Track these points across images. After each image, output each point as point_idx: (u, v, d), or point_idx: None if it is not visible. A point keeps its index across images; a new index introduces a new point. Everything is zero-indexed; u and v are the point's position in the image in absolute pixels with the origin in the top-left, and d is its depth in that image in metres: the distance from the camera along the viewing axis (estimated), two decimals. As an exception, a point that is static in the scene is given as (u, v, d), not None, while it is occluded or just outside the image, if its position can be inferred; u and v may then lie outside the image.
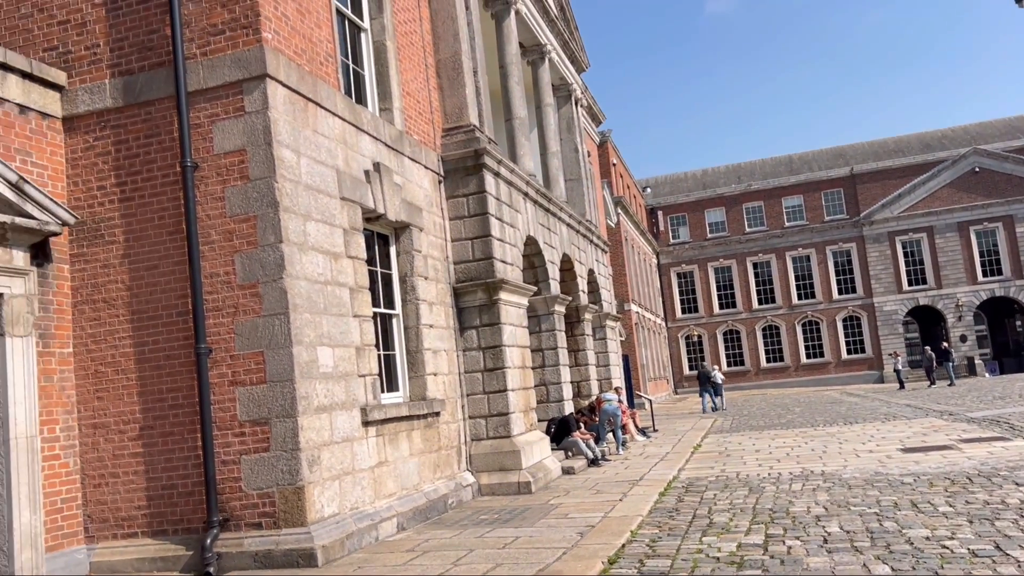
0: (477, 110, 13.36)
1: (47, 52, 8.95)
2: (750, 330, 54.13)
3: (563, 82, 22.42)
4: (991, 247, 49.14)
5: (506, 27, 16.41)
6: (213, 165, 8.25)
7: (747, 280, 54.26)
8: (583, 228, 20.99)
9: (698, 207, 56.61)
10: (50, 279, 8.39)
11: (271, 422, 7.84)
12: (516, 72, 16.52)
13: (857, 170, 52.59)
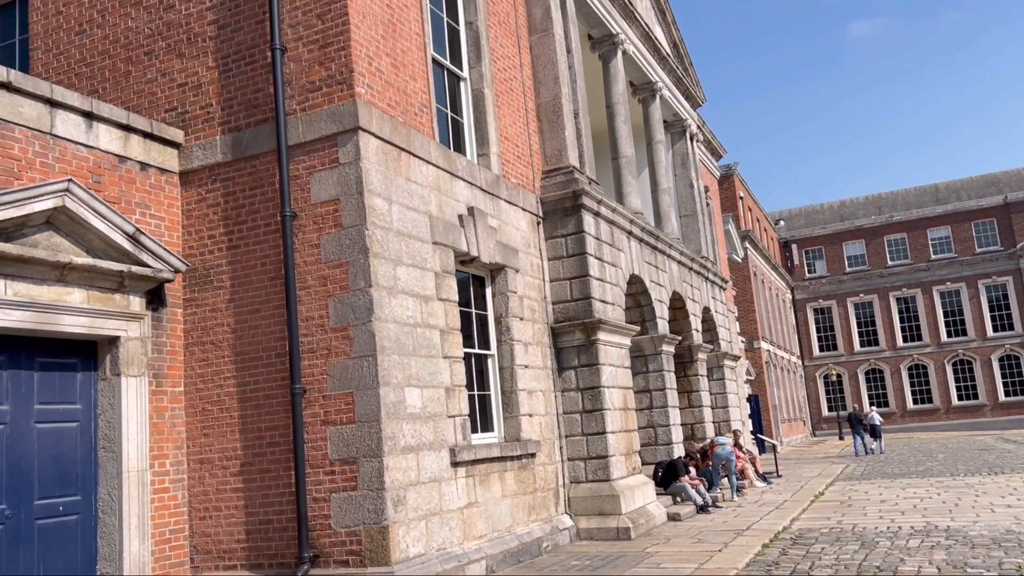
0: (577, 151, 13.43)
1: (168, 112, 9.67)
2: (894, 369, 51.21)
3: (677, 118, 22.24)
4: None
5: (613, 67, 16.54)
6: (310, 214, 8.65)
7: (890, 316, 51.50)
8: (697, 265, 20.58)
9: (835, 240, 54.42)
10: (164, 322, 8.98)
11: (359, 461, 8.03)
12: (623, 111, 16.54)
13: (1012, 198, 49.24)
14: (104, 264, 8.03)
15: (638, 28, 18.16)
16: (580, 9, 15.14)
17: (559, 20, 13.80)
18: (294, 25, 9.01)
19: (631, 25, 17.71)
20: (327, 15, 8.85)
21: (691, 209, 22.25)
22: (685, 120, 22.64)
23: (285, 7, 9.05)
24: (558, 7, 13.83)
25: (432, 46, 10.71)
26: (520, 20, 13.46)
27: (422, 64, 10.19)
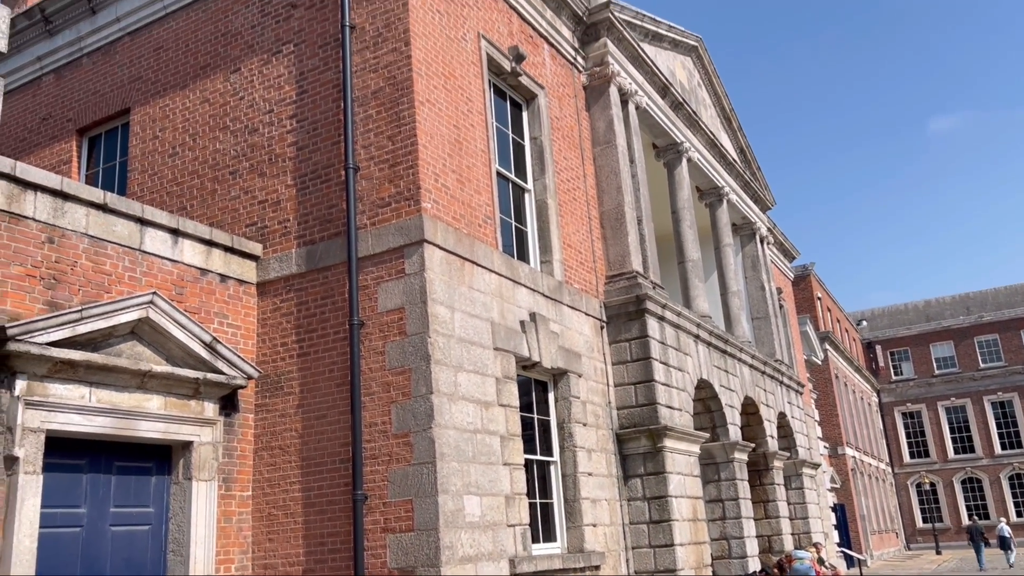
0: (640, 256, 13.52)
1: (248, 227, 10.22)
2: (994, 478, 48.31)
3: (745, 221, 22.25)
4: None
5: (678, 174, 16.79)
6: (376, 322, 8.93)
7: (986, 421, 49.00)
8: (770, 368, 20.14)
9: (922, 341, 52.58)
10: (236, 427, 9.26)
11: (416, 572, 8.02)
12: (688, 216, 16.69)
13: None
14: (182, 372, 8.42)
15: (703, 136, 18.48)
16: (644, 121, 15.54)
17: (622, 132, 14.17)
18: (366, 146, 9.52)
19: (695, 134, 18.05)
20: (397, 136, 9.36)
21: (763, 311, 21.96)
22: (755, 223, 22.63)
23: (359, 130, 9.60)
24: (621, 120, 14.21)
25: (497, 161, 11.14)
26: (584, 133, 13.85)
27: (487, 178, 10.57)
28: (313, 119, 10.05)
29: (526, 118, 12.43)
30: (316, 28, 10.32)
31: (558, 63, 13.45)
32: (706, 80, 20.13)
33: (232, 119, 10.83)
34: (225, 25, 11.22)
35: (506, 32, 11.89)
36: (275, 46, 10.66)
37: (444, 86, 9.99)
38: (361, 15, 9.96)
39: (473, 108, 10.57)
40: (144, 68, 11.95)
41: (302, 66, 10.34)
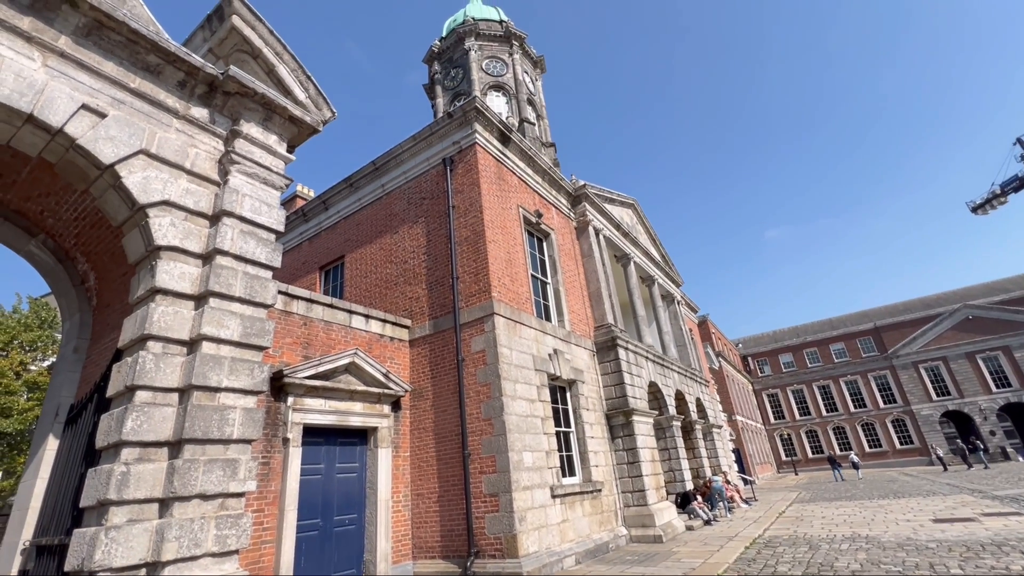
0: (612, 315, 13.43)
1: (402, 312, 10.51)
2: (823, 429, 45.05)
3: (668, 293, 21.81)
4: (996, 367, 38.06)
5: (628, 269, 16.73)
6: (471, 359, 9.05)
7: (815, 397, 46.09)
8: (689, 373, 19.41)
9: (774, 353, 50.09)
10: (399, 419, 9.35)
11: (499, 495, 7.89)
12: (637, 291, 16.52)
13: (879, 324, 44.41)
14: (371, 389, 8.62)
15: (641, 249, 18.52)
16: (609, 243, 15.68)
17: (597, 250, 14.29)
18: (462, 265, 9.85)
19: (637, 248, 18.11)
20: (477, 259, 9.67)
21: (682, 342, 21.29)
22: (673, 294, 22.16)
23: (458, 259, 9.95)
24: (596, 244, 14.38)
25: (530, 268, 11.36)
26: (577, 251, 14.01)
27: (526, 278, 10.75)
28: (435, 254, 10.45)
29: (545, 246, 12.68)
30: (436, 208, 10.85)
31: (560, 216, 13.79)
32: (640, 219, 20.28)
33: (394, 256, 11.30)
34: (390, 210, 11.84)
35: (531, 203, 12.29)
36: (415, 219, 11.20)
37: (501, 232, 10.34)
38: (457, 200, 10.45)
39: (516, 243, 10.87)
40: (351, 234, 12.60)
41: (429, 227, 10.82)
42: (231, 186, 6.10)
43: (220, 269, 5.70)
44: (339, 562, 7.58)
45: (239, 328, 5.67)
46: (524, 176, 12.23)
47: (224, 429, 5.26)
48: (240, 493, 5.37)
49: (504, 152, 11.52)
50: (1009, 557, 6.70)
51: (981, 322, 39.37)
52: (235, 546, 5.17)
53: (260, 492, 6.70)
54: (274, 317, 7.68)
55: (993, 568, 6.22)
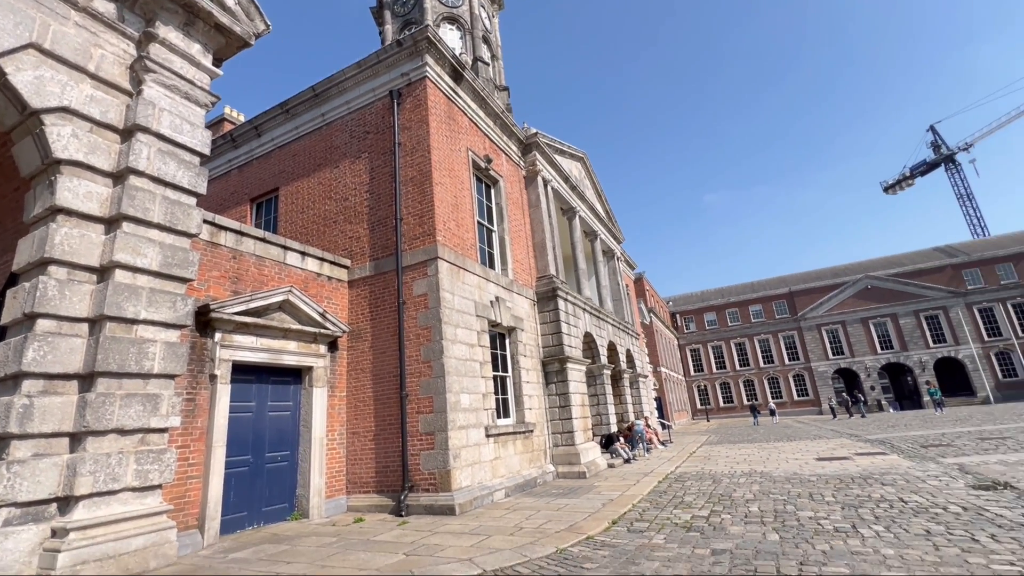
0: (555, 267, 13.65)
1: (343, 251, 10.11)
2: (735, 382, 49.57)
3: (609, 249, 22.42)
4: (884, 332, 43.16)
5: (574, 223, 16.90)
6: (412, 302, 8.96)
7: (732, 353, 50.22)
8: (622, 326, 20.42)
9: (700, 312, 53.56)
10: (336, 359, 9.21)
11: (435, 434, 8.09)
12: (580, 245, 16.79)
13: (793, 289, 48.44)
14: (307, 328, 8.37)
15: (587, 204, 18.69)
16: (556, 195, 15.68)
17: (544, 200, 14.28)
18: (407, 206, 9.51)
19: (583, 202, 18.25)
20: (423, 201, 9.37)
21: (619, 296, 22.20)
22: (614, 250, 22.84)
23: (402, 199, 9.58)
24: (544, 195, 14.33)
25: (477, 215, 11.18)
26: (524, 200, 13.92)
27: (472, 224, 10.58)
28: (378, 193, 10.01)
29: (493, 192, 12.47)
30: (380, 144, 10.28)
31: (510, 163, 13.54)
32: (588, 174, 20.37)
33: (334, 192, 10.72)
34: (331, 142, 11.10)
35: (482, 147, 11.94)
36: (358, 154, 10.58)
37: (448, 175, 10.03)
38: (404, 137, 9.95)
39: (464, 187, 10.61)
40: (286, 165, 11.75)
41: (372, 164, 10.28)
42: (146, 98, 5.43)
43: (135, 191, 5.16)
44: (271, 497, 7.58)
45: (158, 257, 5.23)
46: (475, 118, 11.78)
47: (143, 363, 4.95)
48: (162, 428, 5.15)
49: (456, 90, 10.98)
50: (871, 487, 7.84)
51: (877, 291, 43.97)
52: (157, 481, 5.02)
53: (185, 428, 6.46)
54: (199, 248, 7.14)
55: (858, 496, 7.25)
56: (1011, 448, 11.06)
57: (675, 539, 5.48)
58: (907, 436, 16.10)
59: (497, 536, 5.92)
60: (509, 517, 7.10)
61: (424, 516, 7.56)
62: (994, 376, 39.28)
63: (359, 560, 5.12)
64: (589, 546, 5.41)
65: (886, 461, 10.58)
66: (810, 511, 6.45)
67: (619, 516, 6.86)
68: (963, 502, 6.26)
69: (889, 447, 13.17)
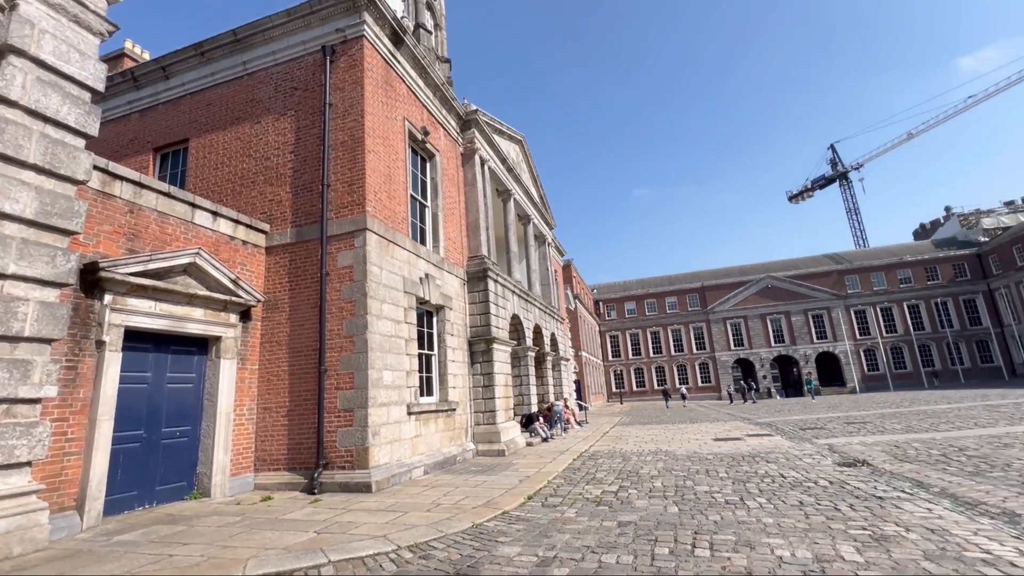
0: (487, 247, 13.63)
1: (261, 214, 9.41)
2: (648, 368, 52.79)
3: (541, 234, 22.77)
4: (778, 327, 48.02)
5: (508, 205, 16.92)
6: (336, 274, 8.56)
7: (647, 341, 53.25)
8: (548, 310, 20.95)
9: (621, 301, 56.08)
10: (250, 329, 8.62)
11: (354, 411, 7.87)
12: (513, 228, 16.91)
13: (705, 284, 52.21)
14: (216, 295, 7.74)
15: (522, 187, 18.76)
16: (492, 175, 15.58)
17: (481, 180, 14.15)
18: (335, 173, 9.01)
19: (519, 185, 18.29)
20: (353, 169, 8.92)
21: (547, 281, 22.70)
22: (545, 236, 23.25)
23: (331, 163, 9.06)
24: (480, 174, 14.20)
25: (411, 188, 10.84)
26: (460, 178, 13.70)
27: (404, 197, 10.25)
28: (304, 155, 9.37)
29: (428, 167, 12.14)
30: (309, 102, 9.59)
31: (448, 138, 13.22)
32: (525, 157, 20.43)
33: (254, 151, 9.89)
34: (252, 94, 10.18)
35: (419, 119, 11.53)
36: (283, 111, 9.81)
37: (382, 143, 9.61)
38: (336, 97, 9.35)
39: (398, 158, 10.22)
40: (199, 115, 10.63)
41: (299, 123, 9.59)
42: (22, 14, 4.63)
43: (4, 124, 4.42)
44: (166, 475, 7.00)
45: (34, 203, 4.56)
46: (414, 87, 11.32)
47: (11, 324, 4.32)
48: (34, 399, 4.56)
49: (395, 55, 10.46)
50: (758, 464, 8.73)
51: (776, 290, 48.57)
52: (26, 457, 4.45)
53: (64, 399, 5.75)
54: (87, 198, 6.29)
55: (747, 472, 8.04)
56: (870, 431, 12.78)
57: (586, 513, 5.77)
58: (789, 420, 18.08)
59: (414, 512, 5.91)
60: (427, 494, 7.10)
61: (338, 494, 7.37)
62: (861, 369, 45.11)
63: (265, 539, 4.88)
64: (504, 521, 5.55)
65: (771, 442, 11.80)
66: (706, 486, 7.04)
67: (535, 492, 7.09)
68: (830, 477, 7.16)
69: (774, 429, 14.69)
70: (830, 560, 3.81)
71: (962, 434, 10.89)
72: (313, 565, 4.10)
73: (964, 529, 4.40)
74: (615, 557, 4.11)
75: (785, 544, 4.23)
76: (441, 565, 4.10)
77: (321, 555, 4.26)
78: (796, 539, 4.36)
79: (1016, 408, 16.13)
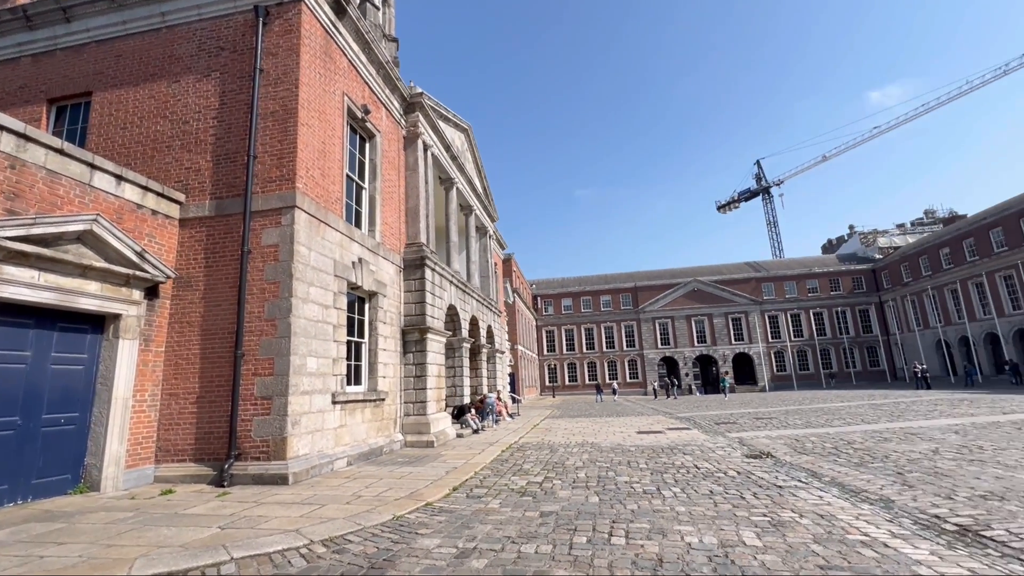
0: (426, 235, 13.33)
1: (176, 183, 8.61)
2: (581, 363, 54.33)
3: (483, 226, 22.61)
4: (701, 328, 51.18)
5: (451, 194, 16.66)
6: (259, 252, 7.99)
7: (581, 337, 54.72)
8: (487, 302, 20.88)
9: (559, 297, 57.16)
10: (156, 308, 7.88)
11: (273, 399, 7.41)
12: (454, 218, 16.64)
13: (638, 285, 54.46)
14: (116, 268, 6.98)
15: (466, 177, 18.54)
16: (436, 162, 15.25)
17: (423, 165, 13.79)
18: (263, 144, 8.40)
19: (462, 175, 18.07)
20: (284, 141, 8.36)
21: (487, 273, 22.61)
22: (487, 228, 23.10)
23: (259, 134, 8.43)
24: (423, 159, 13.83)
25: (347, 168, 10.34)
26: (401, 162, 13.26)
27: (340, 177, 9.76)
28: (229, 122, 8.65)
29: (368, 147, 11.65)
30: (236, 65, 8.86)
31: (390, 120, 12.75)
32: (470, 146, 20.20)
33: (171, 112, 9.00)
34: (172, 50, 9.24)
35: (360, 95, 11.02)
36: (207, 71, 8.99)
37: (318, 117, 9.07)
38: (268, 63, 8.70)
39: (335, 134, 9.71)
40: (106, 66, 9.50)
41: (224, 87, 8.83)
42: None
43: None
44: (47, 467, 6.25)
45: None
46: (357, 62, 10.80)
47: None
48: None
49: (336, 25, 9.90)
50: (675, 456, 9.19)
51: (702, 294, 51.59)
52: None
53: (-86, 379, 4.94)
54: (-45, 147, 5.42)
55: (665, 463, 8.44)
56: (775, 426, 13.88)
57: (510, 503, 5.79)
58: (707, 415, 19.28)
59: (332, 505, 5.66)
60: (348, 486, 6.84)
61: (251, 487, 6.92)
62: (771, 370, 49.05)
63: (160, 536, 4.47)
64: (427, 512, 5.45)
65: (689, 435, 12.50)
66: (627, 476, 7.30)
67: (461, 483, 7.03)
68: (738, 468, 7.67)
69: (693, 424, 15.60)
70: (733, 545, 4.05)
71: (851, 429, 12.09)
72: (212, 563, 3.80)
73: (848, 514, 4.85)
74: (534, 547, 4.14)
75: (695, 531, 4.46)
76: (355, 559, 3.93)
77: (223, 552, 3.96)
78: (704, 526, 4.61)
79: (895, 407, 18.19)
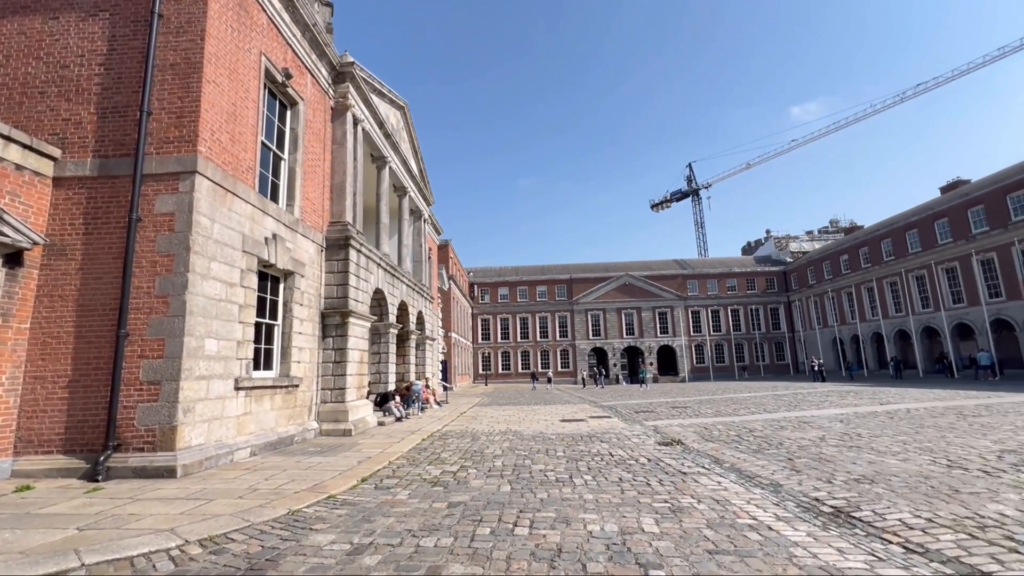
0: (352, 214, 12.66)
1: (51, 135, 7.49)
2: (515, 352, 54.76)
3: (417, 209, 21.99)
4: (630, 321, 53.35)
5: (383, 174, 15.96)
6: (151, 220, 7.14)
7: (516, 326, 55.09)
8: (418, 288, 20.36)
9: (495, 286, 57.06)
10: (19, 278, 6.84)
11: (162, 384, 6.68)
12: (386, 198, 15.97)
13: (573, 277, 55.66)
14: (-37, 230, 5.94)
15: (400, 156, 17.84)
16: (366, 138, 14.52)
17: (351, 140, 13.04)
18: (160, 100, 7.49)
19: (396, 154, 17.37)
20: (186, 99, 7.50)
21: (419, 258, 22.05)
22: (421, 211, 22.50)
23: (155, 88, 7.50)
24: (352, 134, 13.08)
25: (263, 135, 9.52)
26: (328, 134, 12.44)
27: (253, 144, 8.94)
28: (119, 71, 7.63)
29: (289, 115, 10.79)
30: (130, 7, 7.81)
31: (317, 88, 11.89)
32: (407, 125, 19.45)
33: (46, 53, 7.80)
34: (50, -19, 7.97)
35: (281, 57, 10.15)
36: (93, 10, 7.87)
37: (228, 76, 8.22)
38: (168, 8, 7.74)
39: (249, 97, 8.86)
40: (-36, -9, 8.04)
41: (114, 31, 7.77)
42: None
43: None
44: None
45: None
46: (278, 20, 9.92)
47: None
48: None
49: (254, -24, 9.01)
50: (593, 444, 9.37)
51: (632, 288, 53.66)
52: None
53: None
54: None
55: (581, 451, 8.56)
56: (688, 415, 14.66)
57: (419, 494, 5.59)
58: (629, 404, 20.04)
59: (221, 500, 5.18)
60: (246, 478, 6.33)
61: (131, 480, 6.23)
62: (691, 361, 52.16)
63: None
64: (327, 506, 5.13)
65: (609, 423, 12.86)
66: (542, 464, 7.31)
67: (371, 474, 6.74)
68: (649, 455, 7.93)
69: (614, 412, 16.10)
70: (632, 532, 4.11)
71: (754, 418, 12.99)
72: (57, 572, 3.29)
73: (741, 499, 5.11)
74: (435, 540, 3.98)
75: (598, 519, 4.49)
76: (234, 560, 3.58)
77: (72, 557, 3.45)
78: (608, 514, 4.66)
79: (793, 397, 19.87)
